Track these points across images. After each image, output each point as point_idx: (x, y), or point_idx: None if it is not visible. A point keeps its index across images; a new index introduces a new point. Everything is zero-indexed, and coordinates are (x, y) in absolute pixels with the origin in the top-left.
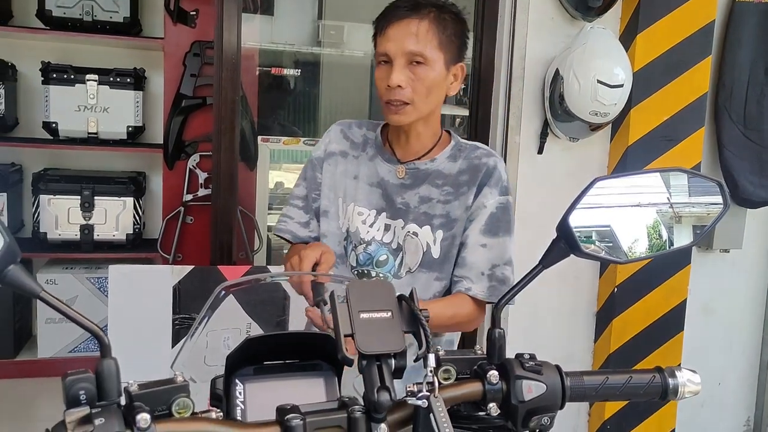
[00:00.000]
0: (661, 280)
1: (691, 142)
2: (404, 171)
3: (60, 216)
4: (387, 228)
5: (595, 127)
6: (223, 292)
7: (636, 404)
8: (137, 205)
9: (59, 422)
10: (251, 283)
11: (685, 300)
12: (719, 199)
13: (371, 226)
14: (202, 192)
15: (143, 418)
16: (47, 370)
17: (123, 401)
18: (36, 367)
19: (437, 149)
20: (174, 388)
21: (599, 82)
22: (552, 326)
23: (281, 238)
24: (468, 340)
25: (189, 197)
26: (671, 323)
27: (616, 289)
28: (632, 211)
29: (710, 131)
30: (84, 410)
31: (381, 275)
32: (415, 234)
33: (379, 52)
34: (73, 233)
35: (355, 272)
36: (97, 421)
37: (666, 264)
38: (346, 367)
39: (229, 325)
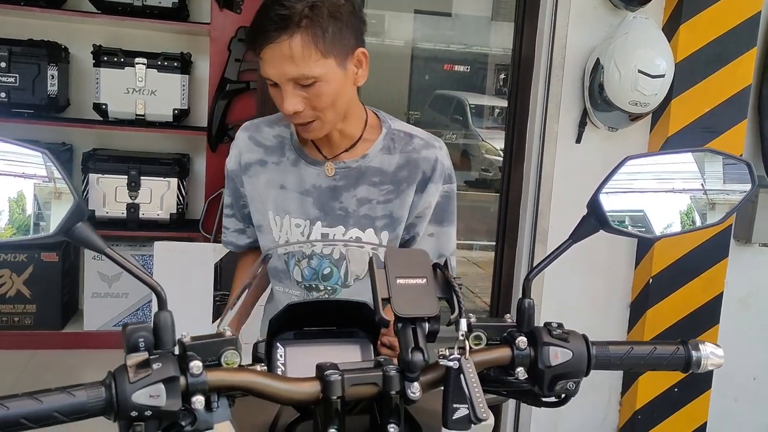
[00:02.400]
0: (698, 273)
1: (733, 135)
2: (333, 169)
3: (108, 194)
4: (324, 236)
5: (634, 118)
6: (270, 255)
7: (668, 395)
8: (181, 186)
9: (121, 365)
10: (296, 248)
11: (722, 293)
12: (747, 178)
13: (308, 237)
14: None
15: (196, 365)
16: (92, 342)
17: (176, 351)
18: (82, 340)
19: (368, 140)
20: (223, 341)
21: (640, 71)
22: (585, 316)
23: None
24: (503, 306)
25: None
26: (706, 316)
27: (651, 280)
28: (661, 189)
29: (753, 124)
30: (143, 355)
31: (329, 288)
32: (359, 238)
33: (263, 76)
34: (119, 211)
35: (303, 287)
36: (155, 366)
37: (703, 256)
38: None
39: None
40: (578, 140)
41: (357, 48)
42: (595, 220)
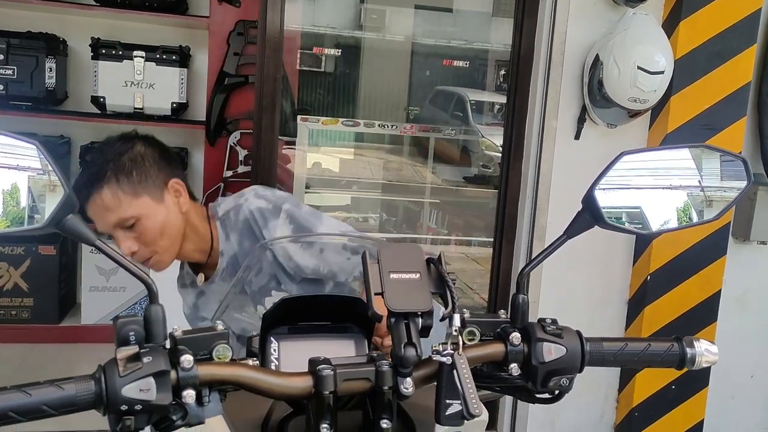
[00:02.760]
0: (696, 270)
1: (732, 132)
2: (202, 279)
3: None
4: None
5: (633, 114)
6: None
7: (665, 393)
8: None
9: (111, 359)
10: (293, 240)
11: (720, 291)
12: (743, 175)
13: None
14: (241, 169)
15: (187, 359)
16: (90, 336)
17: (167, 345)
18: (79, 333)
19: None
20: (215, 335)
21: (639, 68)
22: (583, 313)
23: None
24: (500, 302)
25: (229, 173)
26: (704, 314)
27: (649, 277)
28: (657, 185)
29: (752, 121)
30: (133, 349)
31: None
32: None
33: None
34: None
35: None
36: (146, 359)
37: (701, 254)
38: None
39: None
40: (577, 137)
41: (169, 180)
42: (589, 215)
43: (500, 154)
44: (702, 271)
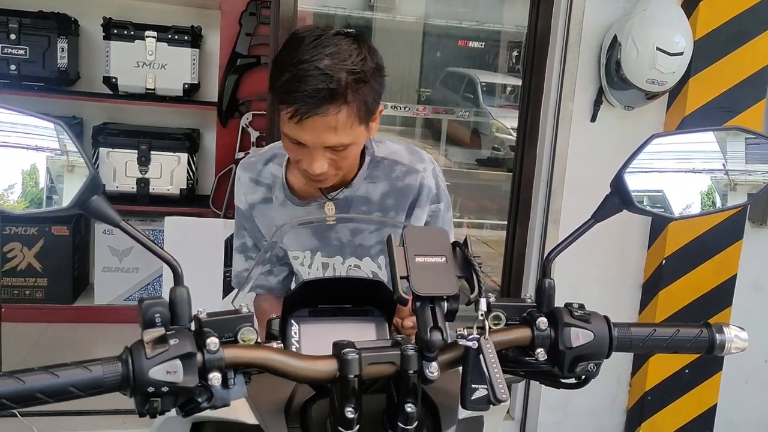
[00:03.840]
0: (711, 254)
1: (751, 114)
2: (333, 208)
3: (118, 169)
4: (325, 266)
5: (651, 96)
6: (287, 228)
7: (678, 377)
8: (191, 161)
9: (138, 341)
10: (314, 222)
11: (735, 275)
12: None
13: (310, 267)
14: (253, 150)
15: (213, 341)
16: (103, 316)
17: (193, 327)
18: (92, 314)
19: (353, 167)
20: (240, 318)
21: (658, 49)
22: (597, 296)
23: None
24: (514, 287)
25: (241, 155)
26: (719, 298)
27: (664, 261)
28: (688, 168)
29: None
30: (160, 331)
31: None
32: (358, 267)
33: (288, 134)
34: (129, 186)
35: None
36: (172, 341)
37: (717, 238)
38: None
39: None
40: (593, 119)
41: (378, 107)
42: (618, 199)
43: (511, 137)
44: (717, 255)
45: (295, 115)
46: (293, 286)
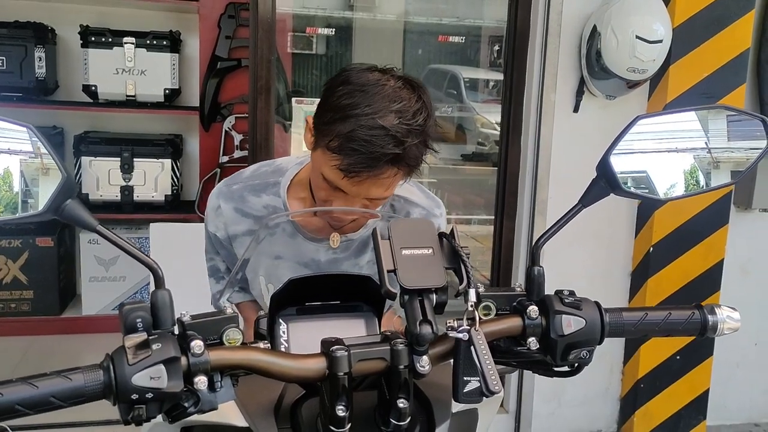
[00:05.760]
0: (698, 240)
1: (732, 99)
2: (338, 241)
3: (101, 177)
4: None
5: (632, 85)
6: (269, 225)
7: (670, 363)
8: (175, 167)
9: (119, 347)
10: (294, 218)
11: (722, 260)
12: (762, 135)
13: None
14: (237, 154)
15: (197, 344)
16: (92, 326)
17: (176, 331)
18: (81, 324)
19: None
20: (224, 319)
21: (638, 37)
22: (585, 286)
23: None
24: (503, 280)
25: (225, 159)
26: (708, 283)
27: (651, 249)
28: (674, 149)
29: (752, 88)
30: (141, 336)
31: None
32: None
33: (329, 179)
34: (113, 194)
35: None
36: (155, 346)
37: (703, 223)
38: None
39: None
40: (576, 109)
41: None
42: (605, 183)
43: (496, 131)
44: (704, 240)
45: (350, 171)
46: None
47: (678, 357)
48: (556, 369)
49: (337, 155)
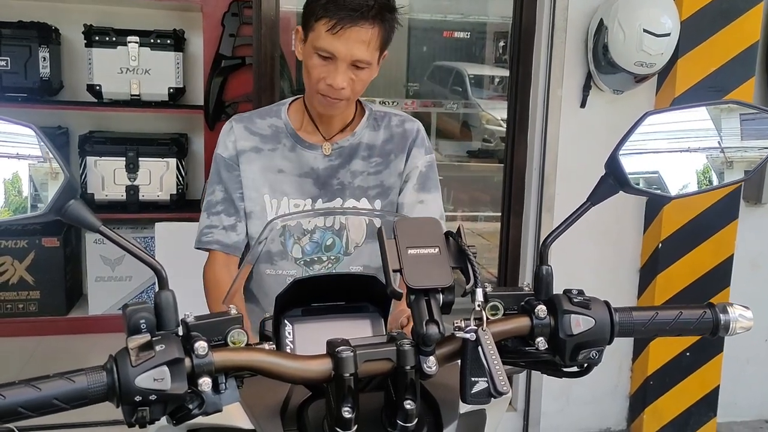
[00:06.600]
0: (708, 235)
1: (741, 93)
2: (330, 149)
3: (106, 177)
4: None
5: (640, 79)
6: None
7: (680, 360)
8: (180, 166)
9: (122, 348)
10: (301, 217)
11: (732, 255)
12: None
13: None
14: None
15: (201, 345)
16: (98, 326)
17: (180, 332)
18: (87, 324)
19: (355, 120)
20: (229, 320)
21: (645, 31)
22: (594, 283)
23: (206, 250)
24: (511, 277)
25: None
26: (717, 279)
27: (660, 245)
28: (684, 145)
29: (761, 81)
30: (145, 337)
31: (332, 258)
32: (355, 207)
33: (321, 47)
34: (119, 194)
35: (302, 262)
36: (158, 347)
37: (712, 219)
38: None
39: None
40: (583, 105)
41: (387, 47)
42: (613, 180)
43: (501, 128)
44: (714, 236)
45: (336, 25)
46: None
47: (688, 354)
48: (565, 369)
49: (324, 18)
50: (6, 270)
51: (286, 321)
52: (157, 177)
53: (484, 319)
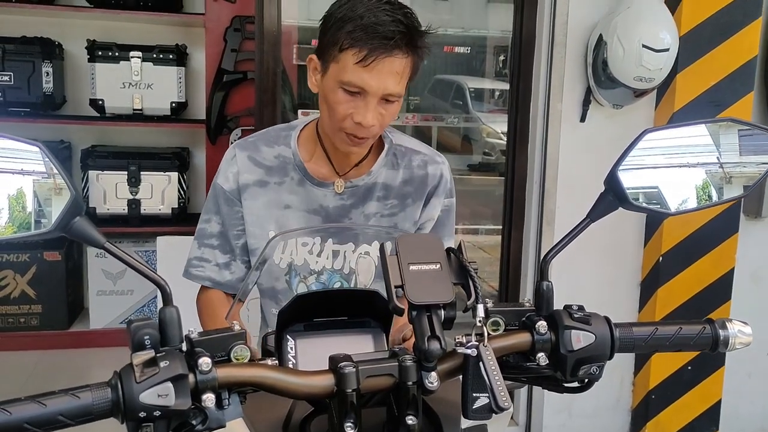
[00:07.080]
0: (708, 249)
1: (740, 107)
2: (343, 187)
3: (108, 191)
4: (336, 254)
5: (639, 94)
6: (278, 238)
7: (681, 374)
8: (182, 180)
9: (127, 364)
10: (302, 234)
11: (733, 269)
12: None
13: (319, 255)
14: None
15: (205, 362)
16: (100, 340)
17: (184, 348)
18: (89, 338)
19: (372, 155)
20: (232, 336)
21: (644, 46)
22: (595, 297)
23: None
24: (512, 290)
25: None
26: (718, 292)
27: (661, 258)
28: (682, 162)
29: (760, 96)
30: (149, 353)
31: None
32: (368, 253)
33: (350, 81)
34: (120, 208)
35: None
36: (162, 363)
37: (713, 232)
38: None
39: None
40: (582, 119)
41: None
42: (613, 197)
43: (502, 141)
44: (714, 249)
45: (368, 57)
46: (293, 285)
47: (689, 368)
48: (566, 385)
49: (353, 48)
50: (8, 284)
51: (288, 336)
52: (159, 191)
53: (486, 334)
